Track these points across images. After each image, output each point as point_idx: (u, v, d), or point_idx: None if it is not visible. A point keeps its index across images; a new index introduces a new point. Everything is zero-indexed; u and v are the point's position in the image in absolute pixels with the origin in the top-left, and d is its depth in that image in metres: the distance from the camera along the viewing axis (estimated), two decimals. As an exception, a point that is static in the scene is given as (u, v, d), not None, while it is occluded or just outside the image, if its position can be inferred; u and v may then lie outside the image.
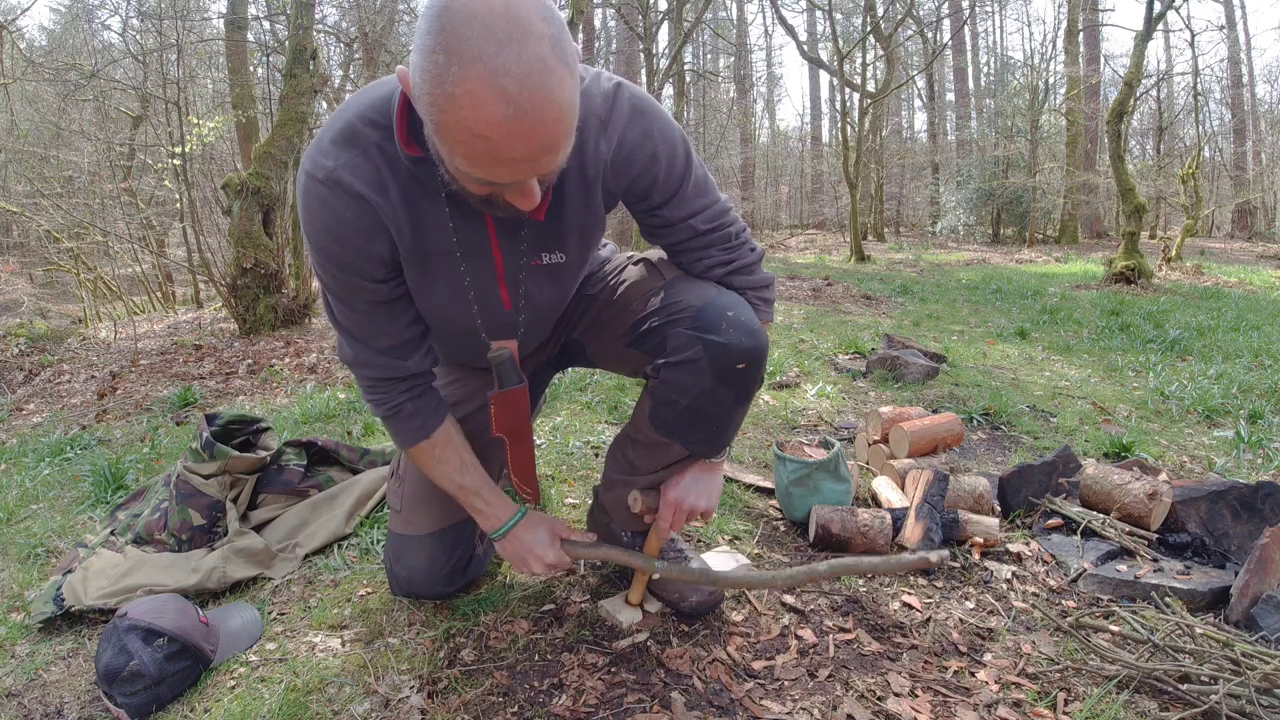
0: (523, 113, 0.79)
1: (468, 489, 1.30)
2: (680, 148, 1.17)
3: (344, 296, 1.14)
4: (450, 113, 0.80)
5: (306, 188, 1.05)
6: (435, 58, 0.78)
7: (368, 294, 1.13)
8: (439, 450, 1.27)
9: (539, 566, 1.34)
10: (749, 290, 1.31)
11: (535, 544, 1.33)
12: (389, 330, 1.18)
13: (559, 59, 0.80)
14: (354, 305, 1.15)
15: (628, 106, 1.11)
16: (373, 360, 1.19)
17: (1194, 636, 1.34)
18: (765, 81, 30.27)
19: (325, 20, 10.43)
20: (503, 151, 0.82)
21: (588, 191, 1.14)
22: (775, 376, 3.42)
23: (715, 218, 1.26)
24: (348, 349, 1.21)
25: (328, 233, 1.06)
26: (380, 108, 1.03)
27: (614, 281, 1.40)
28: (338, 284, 1.12)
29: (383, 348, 1.19)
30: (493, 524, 1.32)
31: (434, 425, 1.26)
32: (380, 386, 1.22)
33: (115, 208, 8.37)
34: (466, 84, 0.77)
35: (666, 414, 1.26)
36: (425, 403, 1.25)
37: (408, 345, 1.21)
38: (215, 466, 1.80)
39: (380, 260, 1.10)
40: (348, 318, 1.17)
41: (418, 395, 1.24)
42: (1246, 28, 25.58)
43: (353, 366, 1.22)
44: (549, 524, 1.36)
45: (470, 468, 1.30)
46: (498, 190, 0.91)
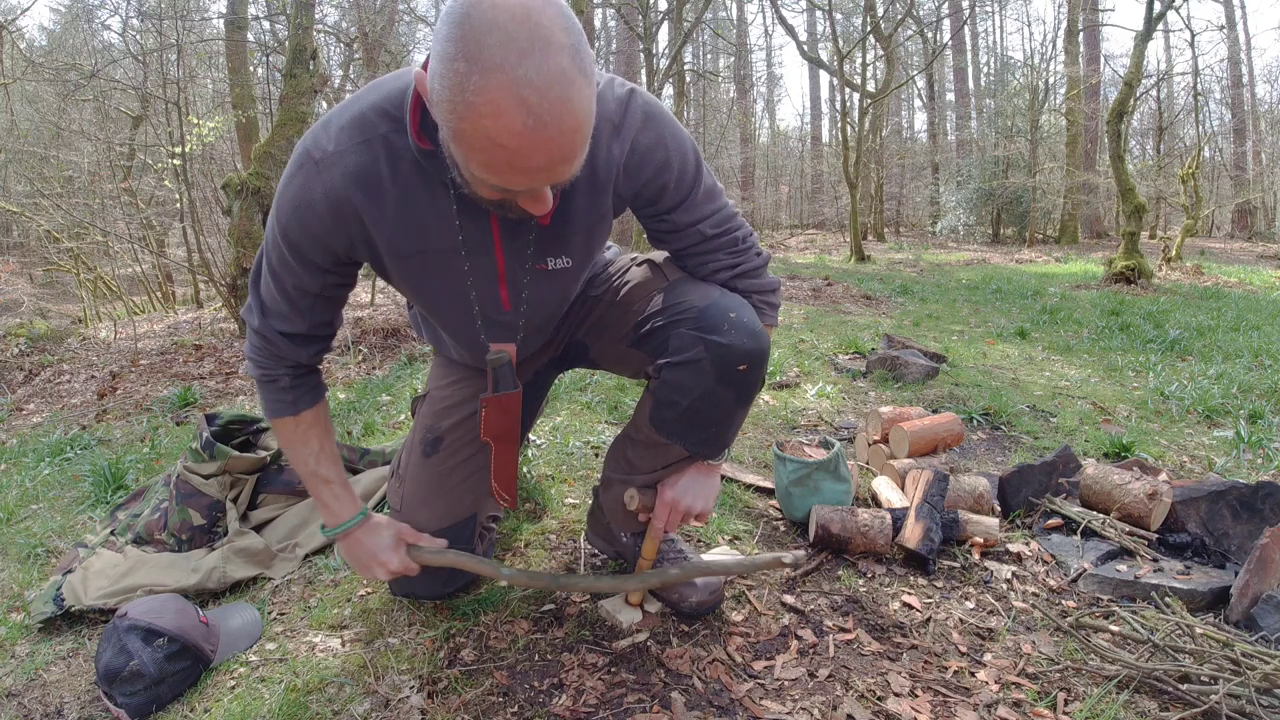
0: (543, 124, 0.79)
1: (319, 476, 1.29)
2: (691, 154, 1.18)
3: (279, 274, 1.14)
4: (470, 121, 0.80)
5: (300, 161, 1.05)
6: (456, 65, 0.78)
7: (301, 280, 1.13)
8: (303, 430, 1.27)
9: (382, 573, 1.31)
10: (754, 294, 1.31)
11: (377, 549, 1.30)
12: (300, 319, 1.18)
13: (579, 69, 0.81)
14: (282, 284, 1.15)
15: (640, 112, 1.11)
16: (272, 336, 1.20)
17: (1194, 636, 1.34)
18: (765, 81, 30.30)
19: (325, 20, 10.43)
20: (521, 161, 0.82)
21: (597, 196, 1.14)
22: (775, 376, 3.42)
23: (723, 222, 1.26)
24: (255, 317, 1.20)
25: (295, 210, 1.06)
26: (395, 99, 1.03)
27: (617, 282, 1.40)
28: (279, 259, 1.12)
29: (285, 330, 1.19)
30: (333, 520, 1.31)
31: (304, 406, 1.26)
32: (267, 358, 1.23)
33: (115, 208, 8.37)
34: (488, 93, 0.78)
35: (667, 414, 1.26)
36: (304, 383, 1.26)
37: (309, 340, 1.22)
38: (215, 466, 1.80)
39: (333, 254, 1.11)
40: (270, 293, 1.17)
41: (299, 376, 1.25)
42: (1246, 28, 25.61)
43: (253, 333, 1.22)
44: (394, 529, 1.33)
45: (328, 458, 1.30)
46: (511, 196, 0.92)
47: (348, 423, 2.84)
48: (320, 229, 1.07)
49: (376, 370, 3.94)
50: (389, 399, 3.18)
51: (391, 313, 5.33)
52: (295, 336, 1.20)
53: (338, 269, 1.15)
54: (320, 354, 1.26)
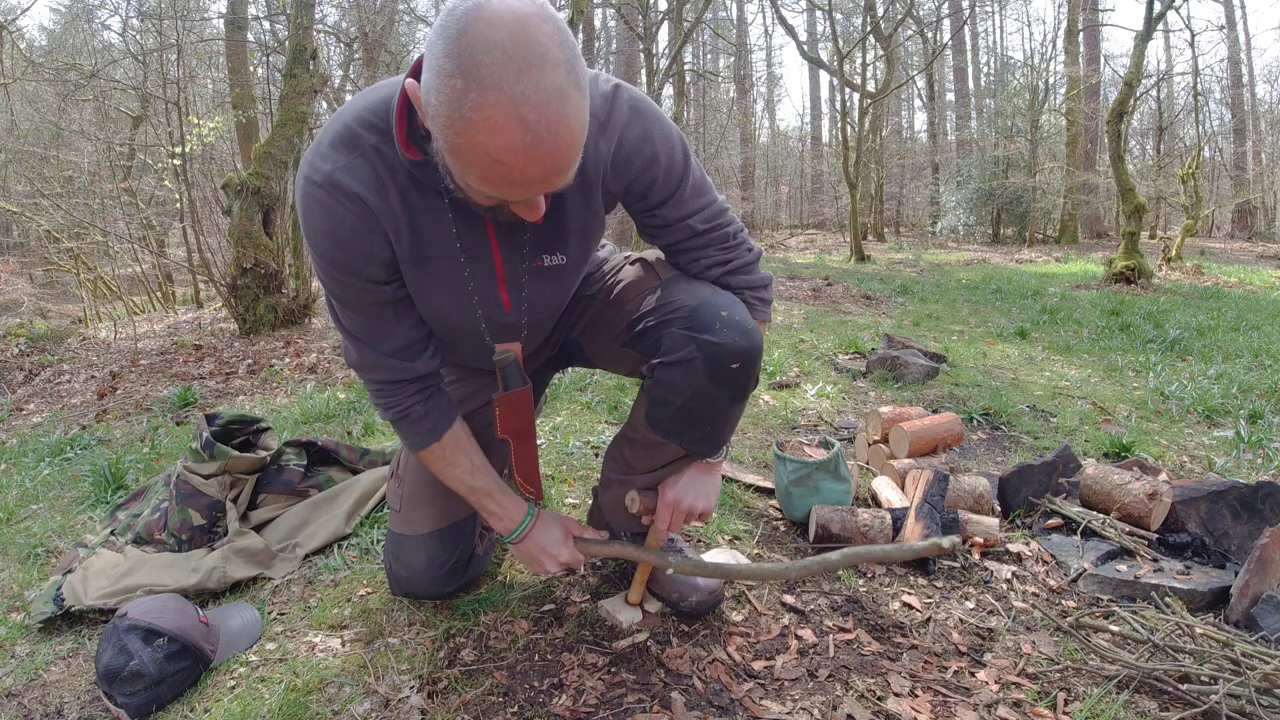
0: (540, 140, 0.80)
1: (479, 490, 1.30)
2: (679, 148, 1.17)
3: (347, 300, 1.13)
4: (467, 136, 0.81)
5: (305, 192, 1.04)
6: (453, 81, 0.79)
7: (370, 296, 1.13)
8: (449, 453, 1.27)
9: (554, 566, 1.34)
10: (746, 290, 1.31)
11: (550, 544, 1.33)
12: (394, 332, 1.18)
13: (574, 85, 0.82)
14: (358, 308, 1.14)
15: (626, 108, 1.11)
16: (379, 363, 1.19)
17: (1194, 636, 1.34)
18: (765, 81, 30.30)
19: (325, 20, 10.43)
20: (517, 175, 0.83)
21: (588, 193, 1.14)
22: (775, 376, 3.42)
23: (713, 217, 1.26)
24: (354, 353, 1.20)
25: (328, 237, 1.06)
26: (379, 111, 1.03)
27: (611, 281, 1.40)
28: (340, 287, 1.12)
29: (388, 350, 1.18)
30: (507, 526, 1.32)
31: (444, 428, 1.25)
32: (388, 390, 1.22)
33: (115, 208, 8.37)
34: (485, 110, 0.78)
35: (662, 414, 1.26)
36: (434, 405, 1.25)
37: (414, 346, 1.20)
38: (215, 466, 1.80)
39: (380, 262, 1.10)
40: (352, 321, 1.16)
41: (426, 398, 1.24)
42: (1246, 28, 25.61)
43: (360, 370, 1.22)
44: (561, 523, 1.36)
45: (481, 470, 1.30)
46: (505, 203, 0.93)
47: (348, 423, 2.84)
48: (357, 240, 1.07)
49: (376, 370, 3.93)
50: (389, 399, 3.18)
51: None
52: (399, 351, 1.19)
53: (394, 276, 1.14)
54: (433, 361, 1.23)
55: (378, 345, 1.18)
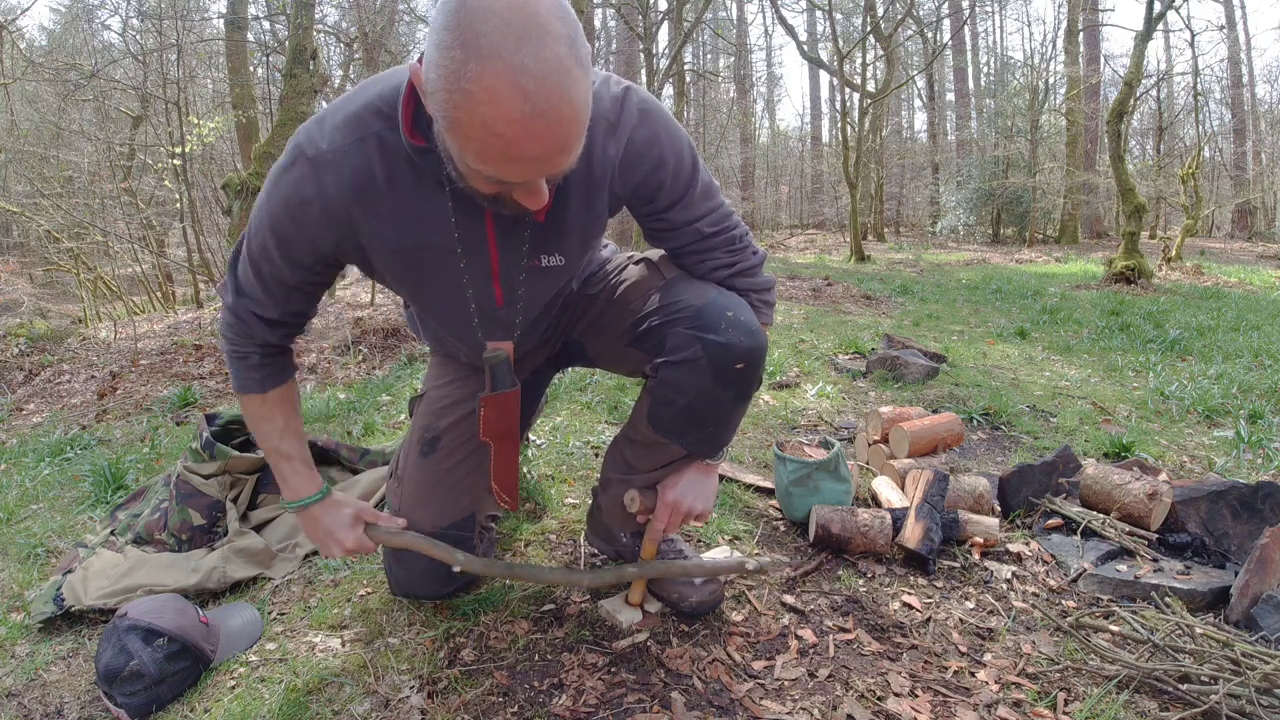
0: (539, 112, 0.78)
1: (282, 453, 1.30)
2: (687, 152, 1.17)
3: (257, 259, 1.14)
4: (466, 109, 0.79)
5: (294, 155, 1.05)
6: (452, 53, 0.78)
7: (279, 272, 1.14)
8: (269, 408, 1.28)
9: (338, 550, 1.32)
10: (751, 293, 1.31)
11: (335, 526, 1.31)
12: (275, 306, 1.19)
13: (575, 59, 0.80)
14: (261, 271, 1.15)
15: (636, 110, 1.11)
16: (245, 316, 1.20)
17: (1194, 636, 1.34)
18: (765, 81, 30.29)
19: (325, 20, 10.43)
20: (516, 150, 0.81)
21: (592, 194, 1.14)
22: (775, 376, 3.42)
23: (720, 221, 1.26)
24: (230, 294, 1.21)
25: (286, 205, 1.06)
26: (389, 98, 1.03)
27: (614, 281, 1.40)
28: (261, 248, 1.12)
29: (259, 314, 1.20)
30: (291, 495, 1.31)
31: (271, 385, 1.27)
32: (238, 335, 1.23)
33: (115, 208, 8.38)
34: (484, 80, 0.77)
35: (665, 413, 1.26)
36: (273, 362, 1.26)
37: (282, 324, 1.22)
38: (215, 466, 1.80)
39: (319, 252, 1.11)
40: (248, 278, 1.17)
41: (268, 355, 1.25)
42: (1246, 28, 25.61)
43: (226, 310, 1.23)
44: (354, 506, 1.34)
45: (292, 435, 1.30)
46: (505, 189, 0.91)
47: (348, 423, 2.84)
48: (311, 228, 1.07)
49: (376, 370, 3.94)
50: (389, 399, 3.18)
51: (391, 313, 5.33)
52: (267, 320, 1.21)
53: (319, 267, 1.15)
54: (291, 336, 1.27)
55: (254, 306, 1.19)
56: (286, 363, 1.29)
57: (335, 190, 1.04)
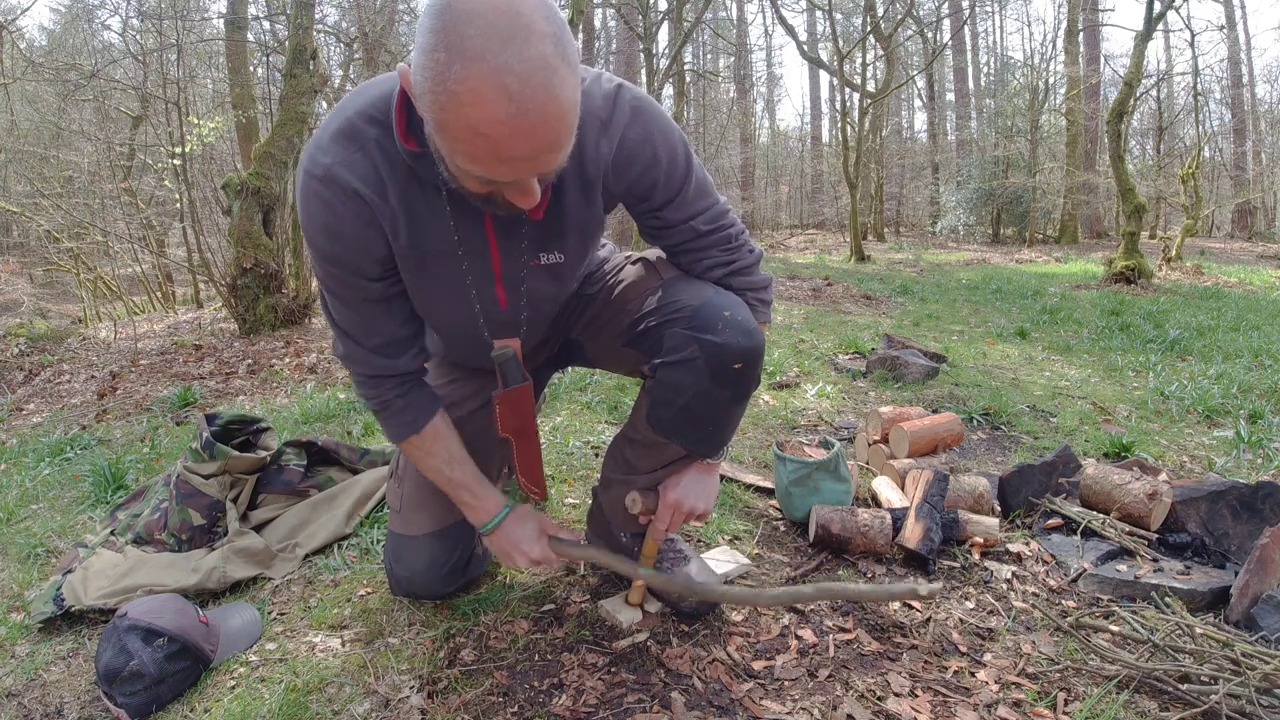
0: (525, 111, 0.79)
1: (455, 482, 1.30)
2: (681, 149, 1.17)
3: (339, 293, 1.15)
4: (452, 110, 0.80)
5: (305, 185, 1.05)
6: (437, 55, 0.78)
7: (361, 292, 1.14)
8: (428, 444, 1.28)
9: (524, 562, 1.34)
10: (748, 291, 1.31)
11: (522, 539, 1.33)
12: (381, 328, 1.19)
13: (561, 58, 0.80)
14: (348, 302, 1.16)
15: (629, 108, 1.11)
16: (364, 358, 1.20)
17: (1194, 636, 1.34)
18: (765, 81, 30.29)
19: (325, 20, 10.43)
20: (504, 150, 0.82)
21: (588, 192, 1.14)
22: (775, 376, 3.42)
23: (715, 219, 1.26)
24: (341, 345, 1.22)
25: (326, 230, 1.06)
26: (380, 104, 1.03)
27: (612, 281, 1.40)
28: (334, 280, 1.13)
29: (374, 346, 1.20)
30: (481, 518, 1.32)
31: (423, 422, 1.26)
32: (370, 382, 1.23)
33: (115, 208, 8.37)
34: (469, 82, 0.77)
35: (663, 414, 1.26)
36: (415, 398, 1.26)
37: (399, 344, 1.22)
38: (215, 466, 1.80)
39: (375, 259, 1.11)
40: (342, 315, 1.18)
41: (406, 391, 1.25)
42: (1246, 28, 25.61)
43: (345, 362, 1.24)
44: (537, 520, 1.36)
45: (459, 462, 1.30)
46: (497, 189, 0.91)
47: (348, 423, 2.84)
48: (353, 236, 1.07)
49: (376, 370, 3.93)
50: (389, 399, 3.18)
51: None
52: (383, 347, 1.20)
53: (388, 273, 1.15)
54: (416, 359, 1.25)
55: (364, 340, 1.19)
56: (429, 395, 1.29)
57: (353, 192, 1.04)
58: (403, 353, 1.22)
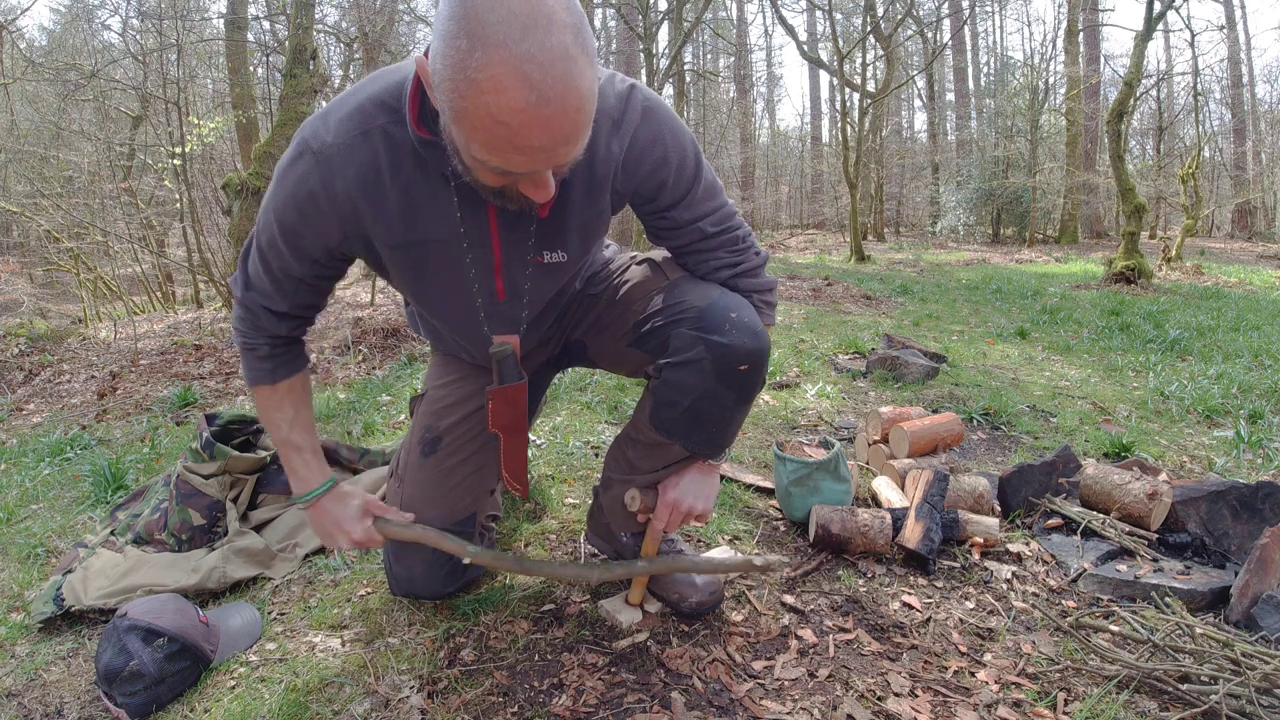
0: (545, 100, 0.78)
1: (291, 443, 1.30)
2: (690, 151, 1.17)
3: (269, 257, 1.15)
4: (472, 98, 0.79)
5: (300, 150, 1.05)
6: (458, 43, 0.78)
7: (288, 266, 1.14)
8: (279, 398, 1.28)
9: (345, 542, 1.30)
10: (754, 293, 1.32)
11: (343, 518, 1.30)
12: (282, 299, 1.20)
13: (581, 49, 0.80)
14: (269, 266, 1.16)
15: (640, 108, 1.11)
16: (255, 309, 1.21)
17: (1194, 636, 1.34)
18: (765, 81, 30.31)
19: (325, 20, 10.43)
20: (522, 139, 0.81)
21: (595, 191, 1.14)
22: (775, 376, 3.42)
23: (723, 220, 1.26)
24: (239, 288, 1.22)
25: (293, 201, 1.06)
26: (393, 91, 1.03)
27: (617, 281, 1.39)
28: (272, 246, 1.13)
29: (271, 307, 1.21)
30: (301, 488, 1.31)
31: (282, 375, 1.27)
32: (249, 327, 1.24)
33: (115, 208, 8.37)
34: (490, 69, 0.77)
35: (668, 414, 1.26)
36: (284, 353, 1.27)
37: (292, 318, 1.23)
38: (215, 466, 1.80)
39: (326, 248, 1.12)
40: (258, 272, 1.18)
41: (278, 346, 1.26)
42: (1246, 28, 25.56)
43: (238, 301, 1.24)
44: (362, 498, 1.32)
45: (302, 426, 1.30)
46: (512, 181, 0.91)
47: (348, 423, 2.84)
48: (318, 222, 1.08)
49: (376, 370, 3.94)
50: (389, 399, 3.18)
51: (391, 313, 5.32)
52: (276, 313, 1.21)
53: (328, 262, 1.16)
54: (301, 329, 1.27)
55: (265, 300, 1.20)
56: (298, 353, 1.30)
57: (341, 184, 1.04)
58: (289, 322, 1.24)
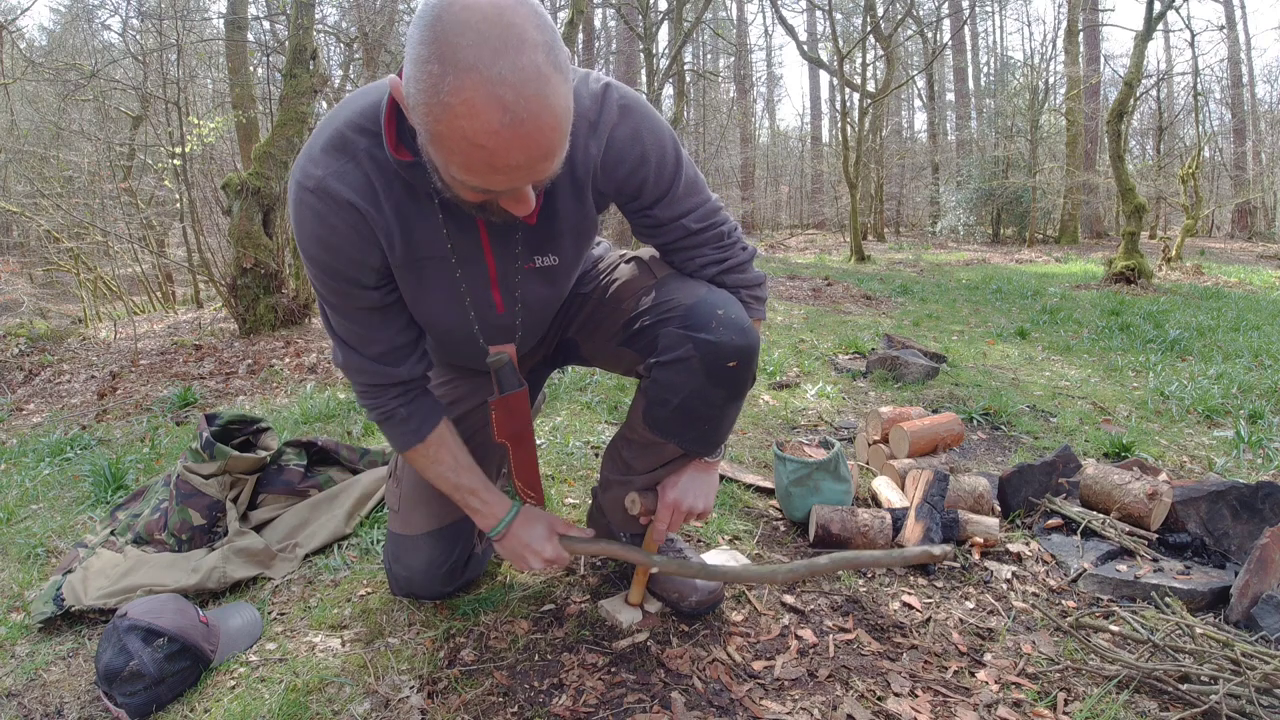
0: (519, 121, 0.79)
1: (463, 488, 1.30)
2: (670, 147, 1.17)
3: (336, 304, 1.14)
4: (446, 122, 0.80)
5: (298, 198, 1.04)
6: (430, 67, 0.78)
7: (359, 301, 1.13)
8: (433, 451, 1.27)
9: (538, 563, 1.33)
10: (741, 289, 1.31)
11: (533, 540, 1.32)
12: (380, 337, 1.18)
13: (554, 66, 0.81)
14: (346, 313, 1.15)
15: (616, 107, 1.10)
16: (365, 367, 1.20)
17: (1194, 636, 1.34)
18: (765, 81, 30.32)
19: (325, 20, 10.43)
20: (500, 160, 0.82)
21: (579, 193, 1.14)
22: (775, 376, 3.42)
23: (707, 216, 1.25)
24: (340, 355, 1.21)
25: (319, 242, 1.06)
26: (369, 114, 1.03)
27: (606, 280, 1.40)
28: (330, 291, 1.12)
29: (374, 354, 1.19)
30: (489, 522, 1.32)
31: (428, 430, 1.26)
32: (372, 392, 1.22)
33: (115, 208, 8.37)
34: (463, 93, 0.77)
35: (659, 413, 1.26)
36: (418, 407, 1.25)
37: (399, 351, 1.21)
38: (215, 466, 1.80)
39: (371, 268, 1.11)
40: (341, 325, 1.17)
41: (410, 400, 1.24)
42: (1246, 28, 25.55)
43: (346, 372, 1.23)
44: (546, 520, 1.36)
45: (465, 468, 1.30)
46: (493, 197, 0.91)
47: (348, 423, 2.84)
48: (348, 246, 1.07)
49: (376, 370, 3.93)
50: (389, 399, 3.18)
51: (391, 313, 5.31)
52: (383, 355, 1.20)
53: (384, 281, 1.14)
54: (419, 366, 1.24)
55: (364, 349, 1.19)
56: (431, 404, 1.28)
57: (347, 204, 1.04)
58: (404, 360, 1.22)
